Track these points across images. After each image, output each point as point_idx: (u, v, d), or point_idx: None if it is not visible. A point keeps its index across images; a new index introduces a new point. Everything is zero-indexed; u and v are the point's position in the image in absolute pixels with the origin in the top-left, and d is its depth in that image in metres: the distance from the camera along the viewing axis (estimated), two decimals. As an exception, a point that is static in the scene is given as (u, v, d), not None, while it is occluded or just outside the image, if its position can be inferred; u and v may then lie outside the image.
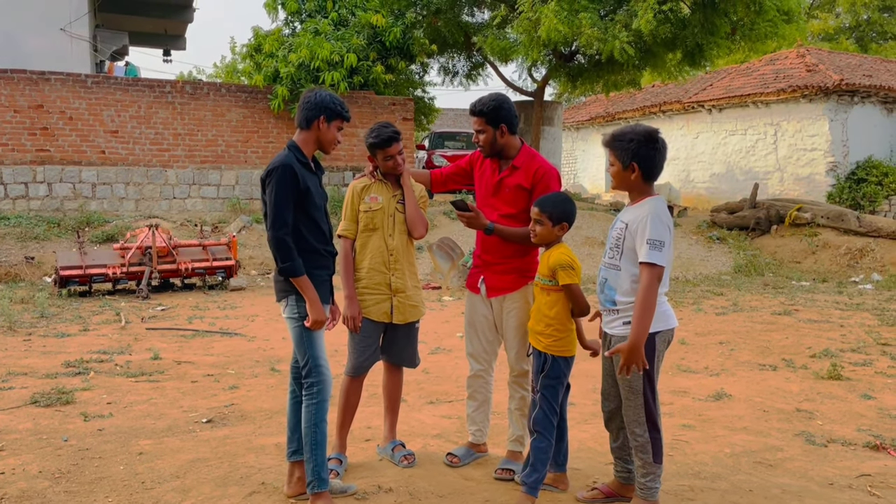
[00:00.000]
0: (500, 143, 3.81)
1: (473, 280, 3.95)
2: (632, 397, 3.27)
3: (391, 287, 3.84)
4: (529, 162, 3.81)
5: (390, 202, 3.87)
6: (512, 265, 3.81)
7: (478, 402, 4.00)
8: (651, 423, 3.26)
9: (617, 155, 3.29)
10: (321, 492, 3.28)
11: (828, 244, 13.67)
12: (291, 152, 3.39)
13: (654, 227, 3.16)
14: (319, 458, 3.30)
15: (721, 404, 5.18)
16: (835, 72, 17.39)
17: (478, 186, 4.00)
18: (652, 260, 3.13)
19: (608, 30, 12.96)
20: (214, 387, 5.56)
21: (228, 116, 14.87)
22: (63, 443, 4.22)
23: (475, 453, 4.02)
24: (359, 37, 14.60)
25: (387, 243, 3.84)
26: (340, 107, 3.46)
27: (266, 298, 10.02)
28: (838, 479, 3.81)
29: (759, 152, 18.45)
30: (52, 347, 6.78)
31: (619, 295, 3.29)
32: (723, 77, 20.72)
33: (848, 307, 9.35)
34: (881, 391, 5.49)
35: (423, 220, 3.90)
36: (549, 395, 3.46)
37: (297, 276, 3.27)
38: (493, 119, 3.77)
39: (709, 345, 7.17)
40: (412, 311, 3.92)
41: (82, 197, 13.72)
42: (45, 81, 13.55)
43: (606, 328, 3.39)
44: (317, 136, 3.44)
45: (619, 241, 3.30)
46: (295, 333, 3.37)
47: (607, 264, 3.36)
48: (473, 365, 3.99)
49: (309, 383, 3.35)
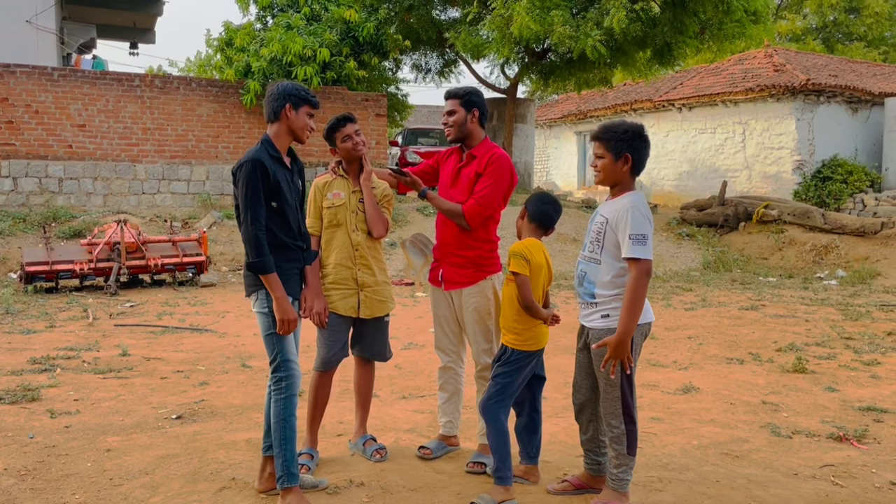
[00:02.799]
0: (469, 129, 3.84)
1: (434, 273, 3.98)
2: (609, 389, 3.29)
3: (357, 282, 3.84)
4: (485, 150, 3.85)
5: (351, 198, 3.87)
6: (467, 257, 3.81)
7: (448, 393, 4.02)
8: (627, 415, 3.30)
9: (609, 146, 3.30)
10: (291, 486, 3.26)
11: (794, 241, 13.91)
12: (263, 147, 3.35)
13: (636, 222, 3.20)
14: (289, 453, 3.28)
15: (689, 397, 5.26)
16: (802, 72, 17.70)
17: (441, 179, 4.04)
18: (637, 255, 3.17)
19: (580, 28, 13.06)
20: (184, 383, 5.51)
21: (199, 111, 14.71)
22: (29, 440, 4.16)
23: (447, 446, 4.03)
24: (331, 32, 14.53)
25: (351, 238, 3.84)
26: (305, 93, 3.43)
27: (237, 295, 9.94)
28: (803, 469, 3.89)
29: (728, 150, 18.72)
30: (17, 344, 6.66)
31: (598, 288, 3.31)
32: (692, 76, 20.98)
33: (813, 302, 9.53)
34: (844, 384, 5.61)
35: (383, 219, 3.90)
36: (500, 379, 3.48)
37: (266, 274, 3.24)
38: (467, 103, 3.82)
39: (678, 339, 7.27)
40: (380, 305, 3.93)
41: (49, 192, 13.47)
42: (11, 74, 13.28)
43: (584, 321, 3.41)
44: (287, 125, 3.40)
45: (600, 234, 3.32)
46: (263, 328, 3.35)
47: (587, 258, 3.38)
48: (442, 357, 4.02)
49: (277, 378, 3.33)
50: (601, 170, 3.35)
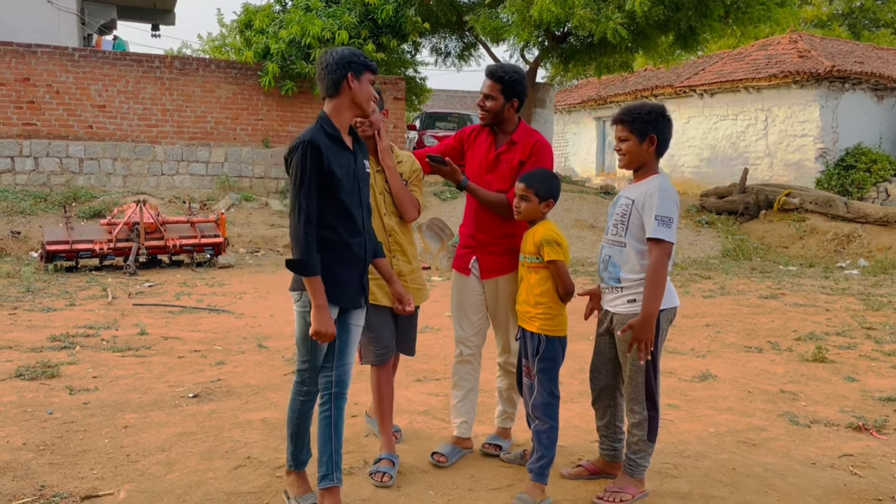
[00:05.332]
0: (504, 117, 3.62)
1: (464, 261, 3.74)
2: (634, 375, 3.26)
3: (395, 270, 3.49)
4: (527, 137, 3.62)
5: (377, 178, 3.52)
6: (508, 245, 3.61)
7: (464, 391, 3.79)
8: (650, 401, 3.27)
9: (633, 128, 3.22)
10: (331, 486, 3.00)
11: (815, 230, 13.74)
12: (320, 126, 2.93)
13: (663, 203, 3.14)
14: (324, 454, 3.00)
15: (706, 385, 5.22)
16: (826, 58, 17.40)
17: (470, 163, 3.78)
18: (660, 236, 3.12)
19: (601, 11, 12.91)
20: (201, 362, 5.55)
21: (218, 93, 14.74)
22: (48, 416, 4.20)
23: (462, 450, 3.75)
24: (350, 14, 14.47)
25: (384, 224, 3.53)
26: (364, 58, 2.98)
27: (254, 276, 9.98)
28: (821, 458, 3.85)
29: (750, 137, 18.48)
30: (37, 322, 6.74)
31: (624, 272, 3.26)
32: (715, 62, 20.69)
33: (834, 292, 9.41)
34: (865, 374, 5.54)
35: (413, 199, 3.59)
36: (546, 377, 3.29)
37: (309, 276, 2.83)
38: (509, 90, 3.57)
39: (696, 327, 7.21)
40: (417, 293, 3.65)
41: (69, 172, 13.58)
42: (32, 54, 13.36)
43: (608, 306, 3.36)
44: (350, 98, 2.95)
45: (625, 217, 3.25)
46: (299, 330, 3.02)
47: (611, 241, 3.32)
48: (463, 350, 3.78)
49: (300, 381, 3.08)
50: (626, 152, 3.27)
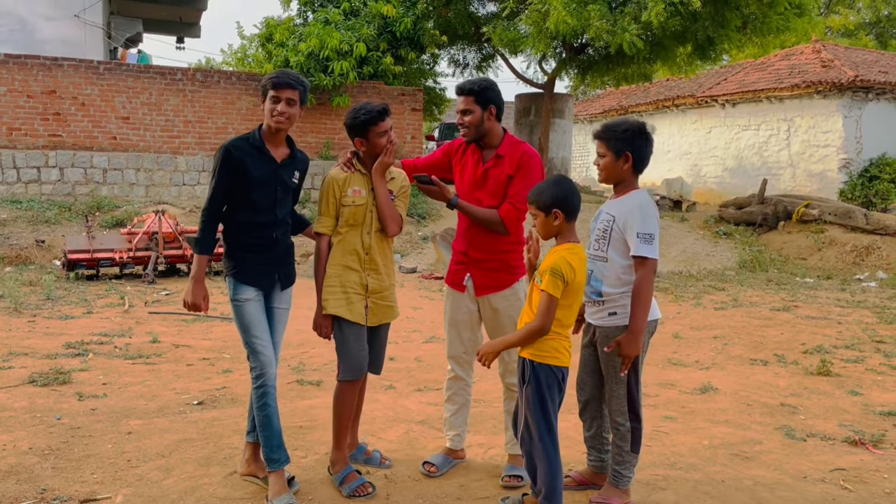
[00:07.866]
0: (486, 128, 3.58)
1: (458, 278, 3.72)
2: (616, 387, 3.32)
3: (367, 287, 3.52)
4: (514, 150, 3.59)
5: (369, 196, 3.51)
6: (501, 261, 3.61)
7: (457, 405, 3.82)
8: (633, 412, 3.33)
9: (610, 145, 3.31)
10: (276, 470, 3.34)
11: (834, 241, 13.59)
12: (247, 134, 3.39)
13: (644, 221, 3.21)
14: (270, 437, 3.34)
15: (706, 397, 5.22)
16: (850, 68, 17.23)
17: (458, 178, 3.74)
18: (644, 254, 3.18)
19: (617, 22, 12.94)
20: (209, 370, 5.67)
21: (238, 105, 14.98)
22: (56, 421, 4.34)
23: (453, 460, 3.81)
24: (369, 27, 14.66)
25: (363, 240, 3.51)
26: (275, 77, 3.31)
27: (269, 285, 10.11)
28: (812, 472, 3.85)
29: (772, 148, 18.35)
30: (54, 329, 6.92)
31: (605, 286, 3.32)
32: (737, 72, 20.59)
33: (849, 304, 9.32)
34: (869, 388, 5.50)
35: (396, 215, 3.57)
36: (532, 410, 3.06)
37: (199, 254, 3.31)
38: (482, 99, 3.55)
39: (703, 339, 7.20)
40: (387, 311, 3.64)
41: (93, 182, 13.88)
42: (58, 67, 13.70)
43: (591, 319, 3.42)
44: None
45: (607, 232, 3.32)
46: (232, 314, 3.40)
47: (593, 255, 3.37)
48: (455, 367, 3.80)
49: (250, 367, 3.36)
50: (603, 168, 3.36)
